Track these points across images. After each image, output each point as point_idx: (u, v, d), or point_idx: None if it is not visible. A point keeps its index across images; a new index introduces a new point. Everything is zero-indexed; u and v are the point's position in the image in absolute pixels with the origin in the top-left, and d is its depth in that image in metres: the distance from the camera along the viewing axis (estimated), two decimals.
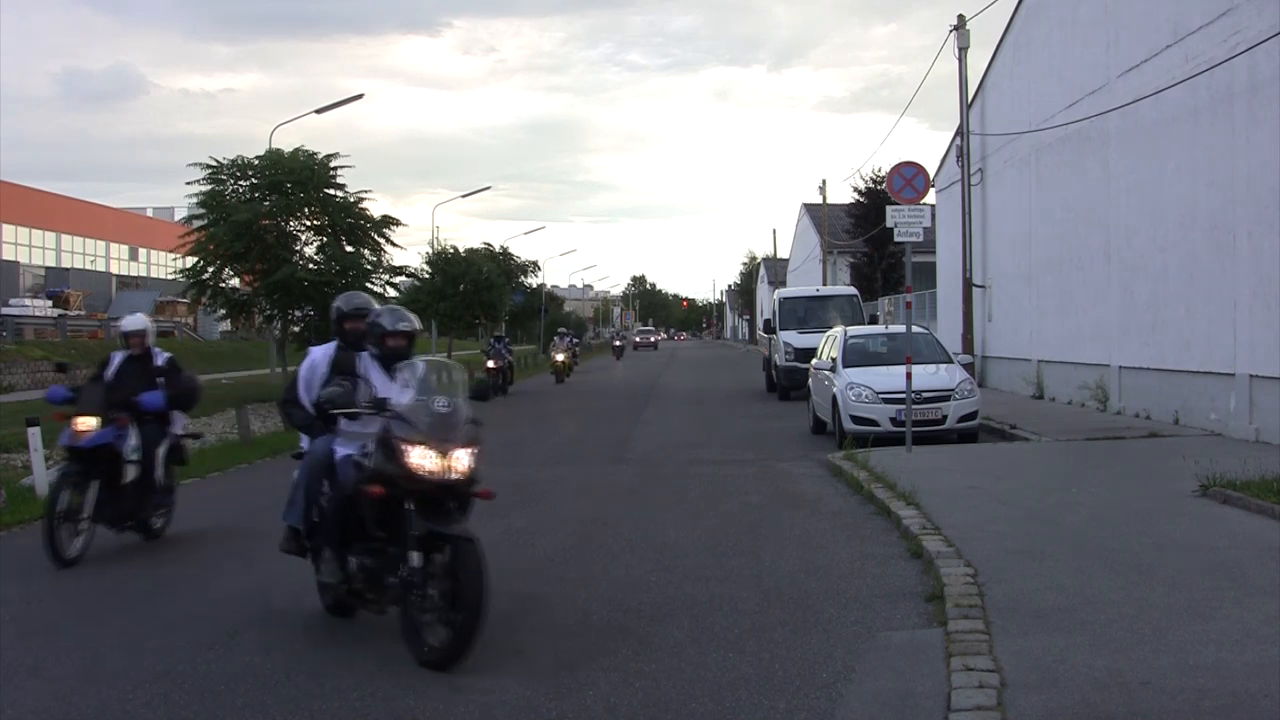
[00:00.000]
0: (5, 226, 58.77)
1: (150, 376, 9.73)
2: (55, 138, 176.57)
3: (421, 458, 5.72)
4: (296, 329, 26.32)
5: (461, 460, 5.80)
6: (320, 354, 6.96)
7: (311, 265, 25.40)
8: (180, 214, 40.81)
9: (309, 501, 6.58)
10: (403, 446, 5.73)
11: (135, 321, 10.03)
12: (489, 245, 50.17)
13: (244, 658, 6.01)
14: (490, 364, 30.03)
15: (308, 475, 6.59)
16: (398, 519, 5.84)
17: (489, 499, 5.97)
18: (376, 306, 6.92)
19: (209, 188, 24.99)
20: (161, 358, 9.93)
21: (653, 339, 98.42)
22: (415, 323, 6.64)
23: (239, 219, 23.90)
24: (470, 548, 5.61)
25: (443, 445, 5.75)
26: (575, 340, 48.52)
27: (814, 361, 18.59)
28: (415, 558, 5.68)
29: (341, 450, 6.47)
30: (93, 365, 10.92)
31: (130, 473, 9.24)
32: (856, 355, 16.91)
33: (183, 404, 9.98)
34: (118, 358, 9.90)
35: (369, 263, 26.41)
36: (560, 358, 38.96)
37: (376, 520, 6.00)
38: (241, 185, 25.26)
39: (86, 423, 9.03)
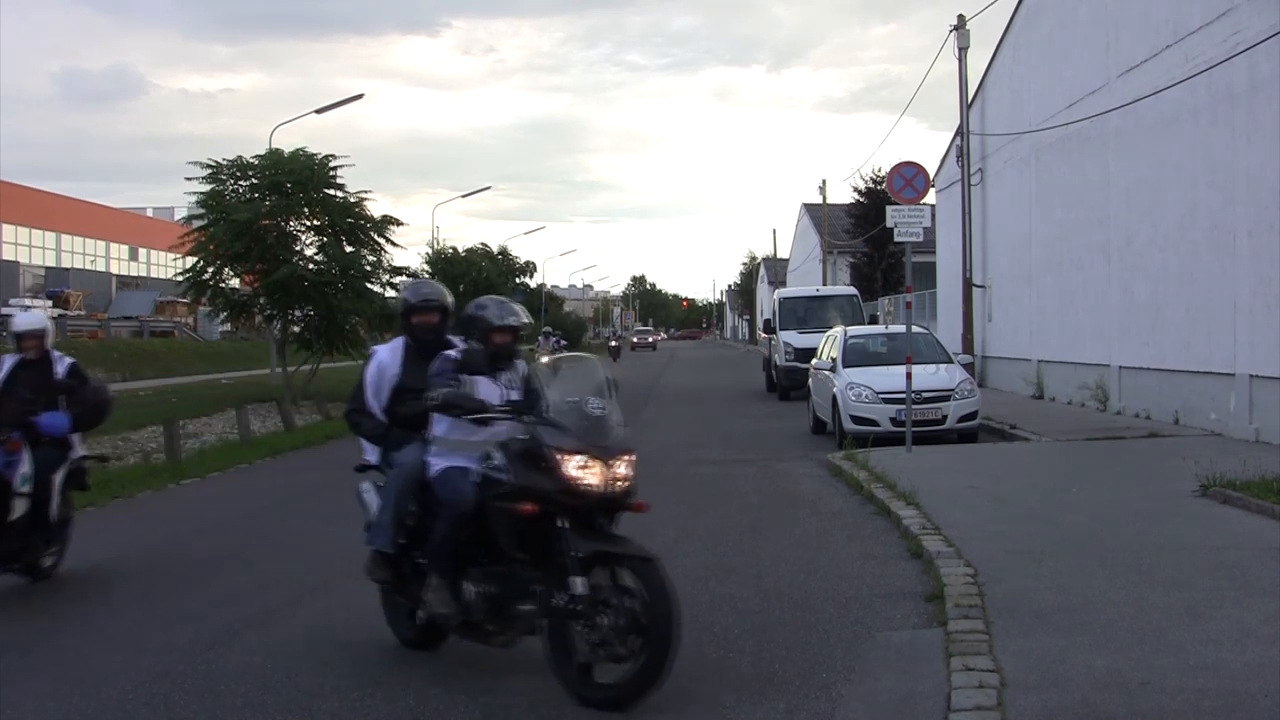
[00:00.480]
0: (5, 226, 58.77)
1: (49, 388, 8.17)
2: (55, 138, 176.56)
3: (582, 469, 5.03)
4: (296, 329, 26.31)
5: (622, 469, 5.15)
6: (388, 354, 6.14)
7: (311, 265, 25.40)
8: (180, 214, 40.86)
9: (399, 521, 5.75)
10: (557, 456, 5.02)
11: (30, 320, 8.45)
12: (485, 245, 50.16)
13: (244, 658, 6.01)
14: None
15: (397, 492, 5.73)
16: (542, 539, 5.12)
17: (643, 512, 5.26)
18: (448, 295, 6.24)
19: (209, 188, 24.98)
20: (63, 365, 8.33)
21: (651, 339, 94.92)
22: (523, 316, 5.88)
23: (239, 219, 23.90)
24: (653, 568, 4.92)
25: (603, 453, 5.07)
26: (561, 341, 45.41)
27: (814, 361, 18.60)
28: (579, 584, 4.93)
29: (439, 462, 5.65)
30: (92, 365, 10.65)
31: (19, 506, 7.67)
32: (856, 355, 16.91)
33: (89, 423, 8.51)
34: (8, 363, 8.27)
35: (369, 263, 26.41)
36: (545, 360, 39.38)
37: (517, 542, 5.23)
38: (241, 185, 25.25)
39: None
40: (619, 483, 5.11)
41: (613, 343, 66.87)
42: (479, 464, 5.50)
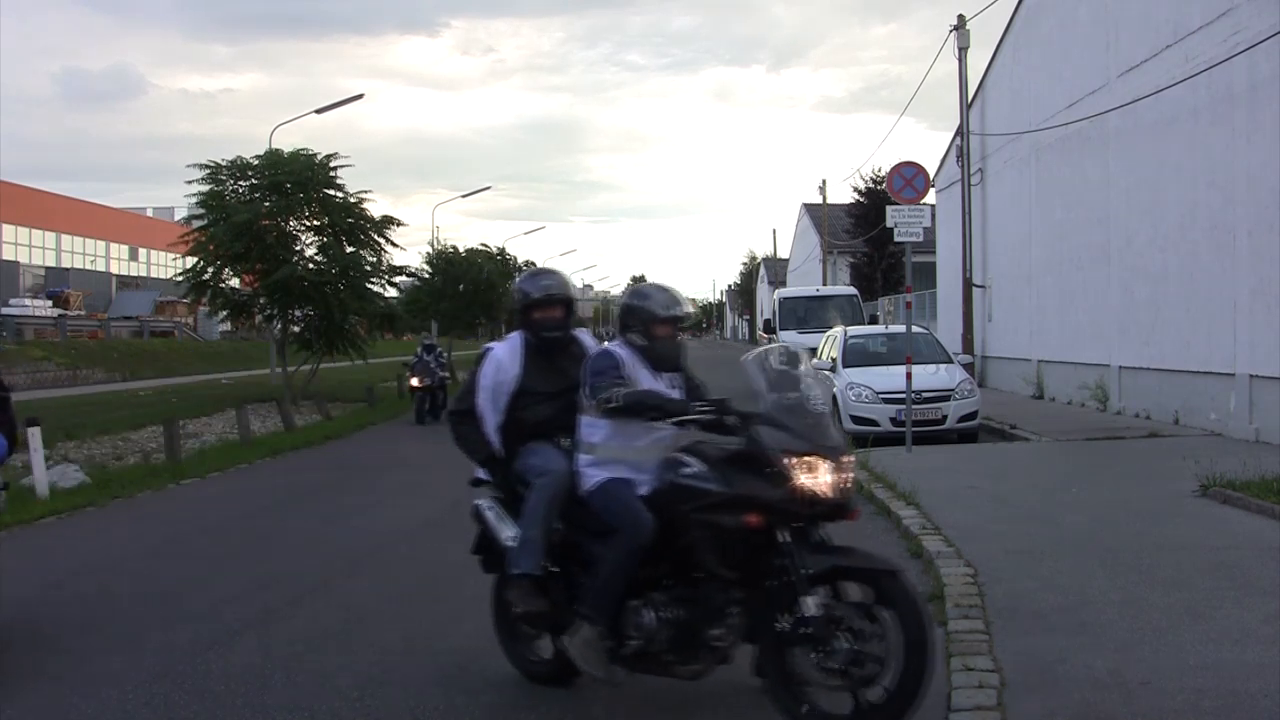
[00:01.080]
0: (5, 226, 58.80)
1: None
2: (55, 138, 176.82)
3: (812, 473, 4.47)
4: (296, 329, 26.32)
5: (850, 472, 4.61)
6: (506, 353, 5.40)
7: (311, 265, 25.41)
8: (180, 214, 40.90)
9: (547, 541, 5.07)
10: (785, 460, 4.48)
11: None
12: (486, 245, 50.13)
13: (244, 658, 6.01)
14: (414, 382, 22.26)
15: (547, 505, 5.04)
16: (750, 555, 4.57)
17: (854, 520, 4.69)
18: (571, 286, 5.59)
19: (208, 188, 24.98)
20: None
21: None
22: (687, 305, 5.30)
23: (239, 219, 23.90)
24: (900, 582, 4.39)
25: (832, 454, 4.52)
26: None
27: (814, 361, 18.57)
28: (811, 604, 4.38)
29: (596, 473, 4.99)
30: (92, 365, 10.61)
31: None
32: (856, 355, 16.92)
33: (14, 442, 6.72)
34: None
35: (369, 263, 26.43)
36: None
37: (725, 559, 4.61)
38: (241, 185, 25.25)
39: None
40: (847, 487, 4.56)
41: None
42: (650, 473, 4.90)
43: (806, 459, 4.46)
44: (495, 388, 5.33)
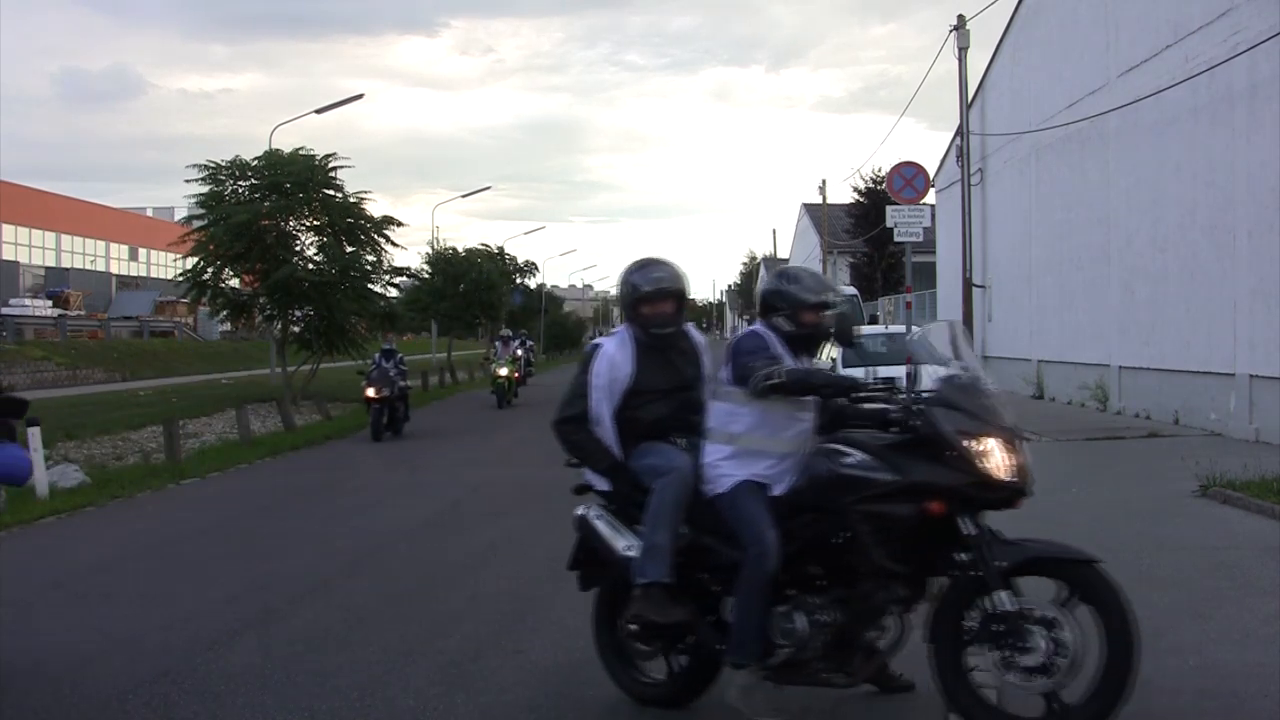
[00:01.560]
0: (5, 226, 58.81)
1: None
2: (55, 138, 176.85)
3: (994, 455, 4.24)
4: (296, 329, 26.32)
5: (1029, 455, 4.36)
6: (616, 349, 4.99)
7: (311, 265, 25.41)
8: (180, 214, 40.86)
9: (674, 545, 4.67)
10: (965, 443, 4.24)
11: None
12: (487, 245, 50.13)
13: (244, 658, 6.01)
14: (370, 392, 19.08)
15: (674, 507, 4.65)
16: (921, 548, 4.35)
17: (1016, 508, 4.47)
18: (684, 279, 5.09)
19: (208, 189, 24.97)
20: None
21: None
22: (837, 291, 5.00)
23: (238, 220, 23.89)
24: (1099, 572, 4.19)
25: (1010, 435, 4.29)
26: (524, 341, 36.68)
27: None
28: (1005, 599, 4.16)
29: (729, 472, 4.65)
30: (92, 365, 10.60)
31: None
32: (856, 355, 16.92)
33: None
34: None
35: (369, 263, 26.43)
36: (502, 372, 26.04)
37: (897, 554, 4.35)
38: (241, 186, 25.24)
39: None
40: (1024, 469, 4.29)
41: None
42: (788, 468, 4.63)
43: (986, 440, 4.23)
44: (609, 385, 4.92)
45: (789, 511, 4.53)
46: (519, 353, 31.04)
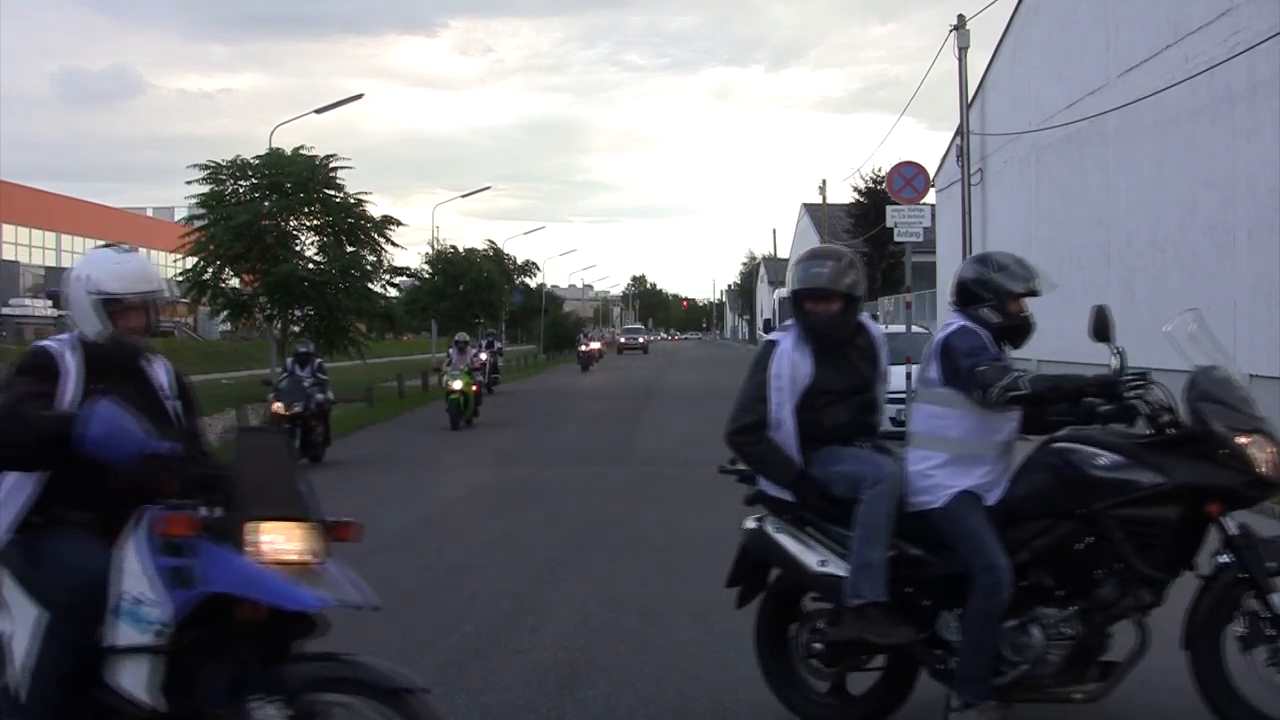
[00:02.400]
0: (5, 226, 58.80)
1: (159, 408, 4.92)
2: (55, 138, 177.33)
3: (1266, 451, 4.09)
4: (297, 329, 26.32)
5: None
6: (793, 346, 4.58)
7: (311, 265, 25.41)
8: (180, 214, 40.83)
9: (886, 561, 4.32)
10: (1239, 440, 4.08)
11: (136, 268, 5.34)
12: (492, 242, 50.16)
13: None
14: (278, 408, 15.04)
15: (886, 518, 4.31)
16: (1177, 551, 4.21)
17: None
18: (852, 274, 4.61)
19: (209, 189, 24.98)
20: (161, 364, 4.91)
21: (641, 340, 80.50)
22: (1045, 278, 4.68)
23: (239, 220, 23.90)
24: None
25: (1269, 430, 4.15)
26: (490, 343, 31.64)
27: None
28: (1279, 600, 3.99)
29: (944, 483, 4.35)
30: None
31: None
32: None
33: None
34: (72, 368, 5.23)
35: (369, 263, 26.44)
36: (456, 385, 20.37)
37: (1147, 559, 4.14)
38: (241, 186, 25.26)
39: None
40: None
41: (582, 348, 48.77)
42: (999, 471, 4.40)
43: (1255, 436, 4.06)
44: (790, 385, 4.52)
45: (1007, 519, 4.29)
46: (483, 357, 26.96)
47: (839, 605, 4.38)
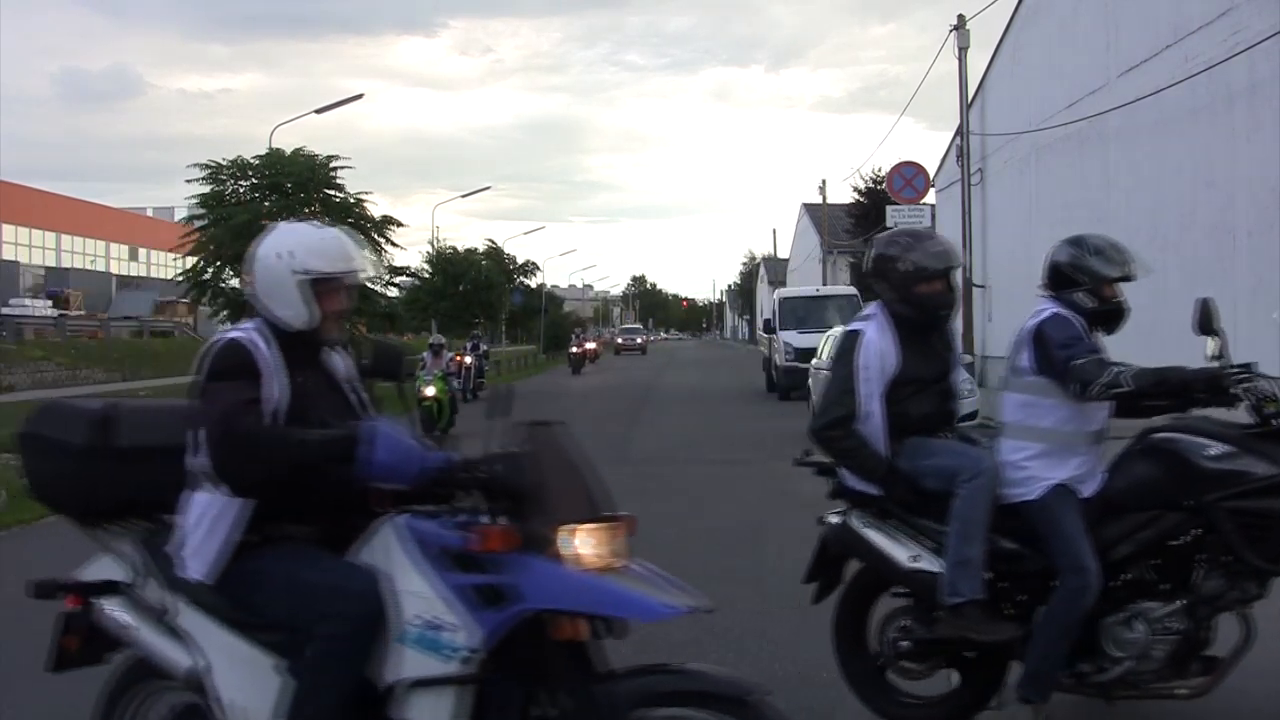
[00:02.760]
0: (5, 226, 58.82)
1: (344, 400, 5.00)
2: (55, 138, 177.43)
3: None
4: None
5: None
6: (879, 335, 4.43)
7: None
8: (180, 214, 40.89)
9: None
10: None
11: (336, 246, 4.42)
12: (491, 242, 50.13)
13: None
14: None
15: (987, 517, 4.18)
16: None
17: None
18: (955, 253, 4.54)
19: (209, 188, 24.99)
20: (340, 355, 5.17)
21: (639, 340, 78.25)
22: (1141, 262, 4.60)
23: (239, 219, 23.90)
24: None
25: None
26: (476, 345, 30.16)
27: (814, 361, 18.60)
28: None
29: (1040, 475, 4.24)
30: (92, 365, 10.57)
31: None
32: None
33: None
34: (268, 360, 5.34)
35: (370, 263, 26.45)
36: (429, 392, 18.75)
37: (1260, 551, 4.05)
38: (241, 186, 25.26)
39: None
40: None
41: (573, 349, 46.40)
42: (1091, 462, 4.33)
43: None
44: (879, 374, 4.38)
45: (1106, 511, 4.21)
46: (467, 360, 26.77)
47: (931, 602, 4.27)
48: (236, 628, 3.16)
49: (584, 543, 2.94)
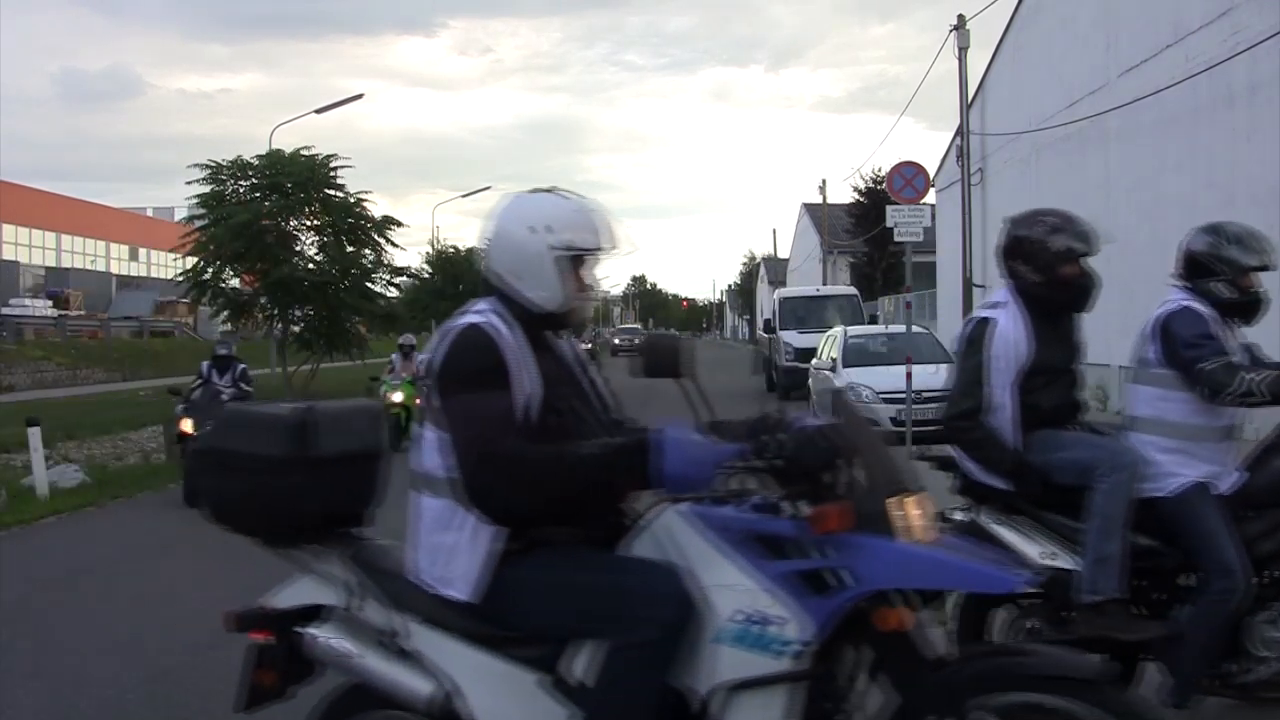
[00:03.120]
0: (5, 226, 58.81)
1: None
2: (55, 138, 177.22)
3: None
4: (297, 329, 26.32)
5: None
6: (1009, 321, 4.23)
7: (311, 265, 25.42)
8: (180, 214, 40.89)
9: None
10: None
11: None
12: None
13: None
14: (186, 427, 11.98)
15: (1130, 511, 3.98)
16: None
17: None
18: (1099, 235, 4.34)
19: (209, 188, 24.99)
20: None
21: (637, 341, 77.63)
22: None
23: (239, 220, 23.90)
24: None
25: None
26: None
27: (814, 361, 18.61)
28: None
29: (1177, 470, 4.11)
30: (92, 365, 10.51)
31: None
32: (856, 355, 16.93)
33: None
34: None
35: (370, 263, 26.46)
36: (396, 398, 16.89)
37: None
38: (241, 185, 25.26)
39: None
40: None
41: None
42: (1222, 457, 4.23)
43: None
44: (1011, 364, 4.18)
45: (1247, 507, 4.08)
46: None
47: (1063, 602, 4.06)
48: (483, 644, 2.84)
49: (913, 514, 2.67)
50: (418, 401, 16.19)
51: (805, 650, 2.62)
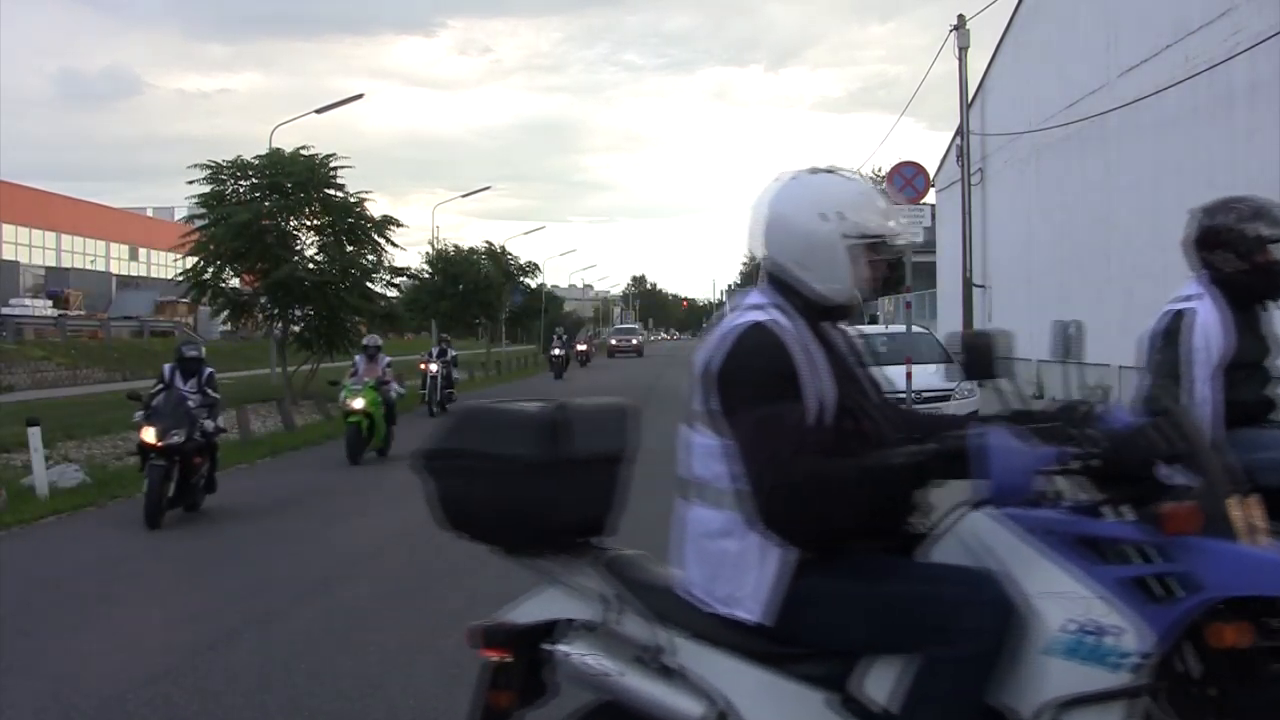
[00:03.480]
0: (5, 226, 58.81)
1: None
2: (55, 138, 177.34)
3: None
4: (296, 329, 26.33)
5: None
6: (1211, 315, 3.99)
7: (311, 265, 25.43)
8: (180, 214, 40.91)
9: None
10: None
11: None
12: (490, 244, 50.14)
13: (244, 658, 6.00)
14: (149, 437, 10.40)
15: None
16: None
17: None
18: None
19: (209, 188, 24.99)
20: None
21: (635, 341, 68.77)
22: None
23: (239, 219, 23.91)
24: None
25: None
26: (444, 351, 24.37)
27: None
28: None
29: None
30: (92, 365, 10.34)
31: None
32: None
33: None
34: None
35: (370, 263, 26.47)
36: (356, 405, 15.33)
37: None
38: (241, 185, 25.27)
39: None
40: None
41: (555, 351, 40.30)
42: None
43: None
44: (1212, 363, 3.96)
45: None
46: (433, 369, 22.97)
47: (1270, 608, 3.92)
48: (761, 660, 2.60)
49: (1256, 514, 2.45)
50: (383, 410, 15.51)
51: (1145, 663, 2.41)
